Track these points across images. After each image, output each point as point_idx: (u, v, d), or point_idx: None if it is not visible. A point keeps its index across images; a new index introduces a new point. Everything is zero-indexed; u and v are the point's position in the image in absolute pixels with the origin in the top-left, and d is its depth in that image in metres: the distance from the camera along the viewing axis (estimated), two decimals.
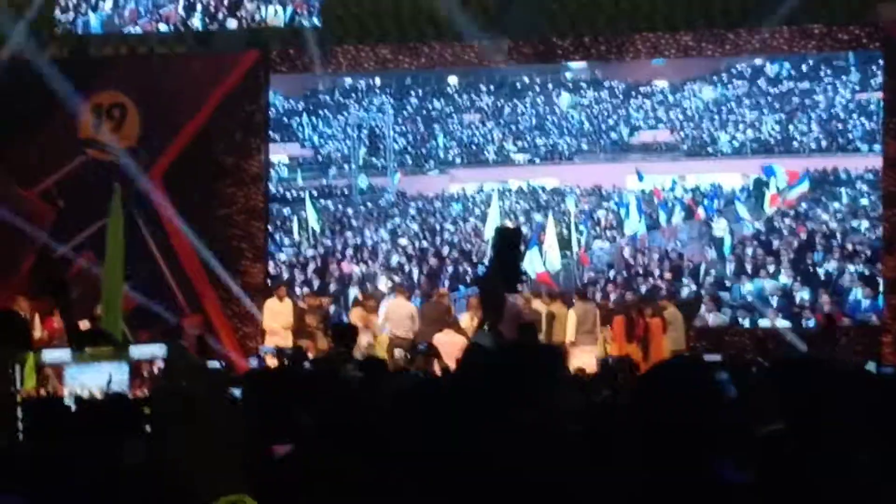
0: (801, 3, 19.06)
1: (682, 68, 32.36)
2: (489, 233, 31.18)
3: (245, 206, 21.11)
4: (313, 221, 32.85)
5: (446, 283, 29.01)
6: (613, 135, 34.84)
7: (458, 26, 20.32)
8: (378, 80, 32.79)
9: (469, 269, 30.02)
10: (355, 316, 20.85)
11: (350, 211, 34.30)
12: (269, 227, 29.70)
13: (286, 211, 33.56)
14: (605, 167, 33.91)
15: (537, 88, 34.84)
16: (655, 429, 3.75)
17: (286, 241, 32.86)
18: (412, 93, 34.47)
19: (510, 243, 5.38)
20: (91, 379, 9.22)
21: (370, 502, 4.12)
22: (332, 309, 23.57)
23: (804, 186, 29.68)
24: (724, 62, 31.74)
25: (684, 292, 26.84)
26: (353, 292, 27.99)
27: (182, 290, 21.01)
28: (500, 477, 3.67)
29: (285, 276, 29.92)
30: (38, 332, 18.65)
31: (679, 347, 19.84)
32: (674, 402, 3.76)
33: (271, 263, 31.13)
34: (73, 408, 7.94)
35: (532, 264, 27.48)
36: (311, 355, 19.40)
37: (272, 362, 18.00)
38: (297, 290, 28.86)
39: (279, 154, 34.01)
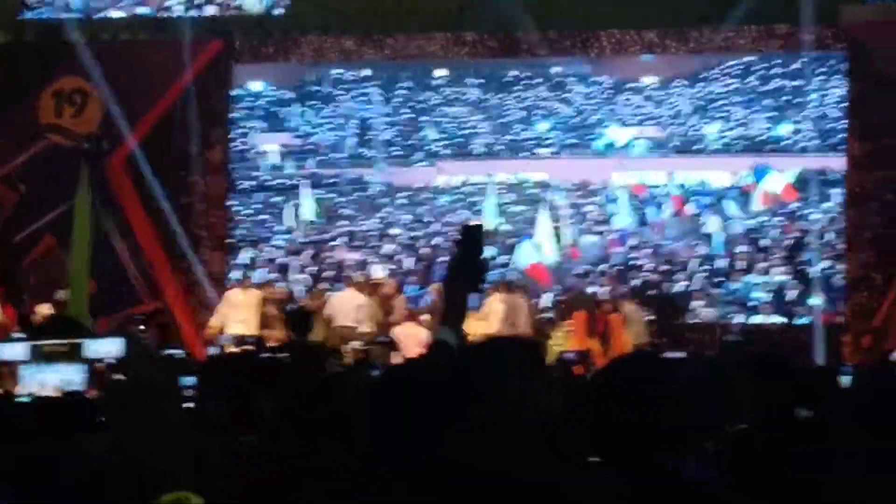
0: (766, 2, 18.71)
1: (671, 65, 31.92)
2: (489, 224, 30.92)
3: (206, 196, 20.76)
4: (310, 209, 32.52)
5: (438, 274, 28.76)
6: (600, 130, 34.47)
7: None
8: (368, 72, 32.54)
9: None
10: None
11: (342, 200, 34.04)
12: (268, 213, 29.55)
13: (278, 199, 33.40)
14: (592, 162, 33.56)
15: (524, 83, 34.43)
16: (613, 424, 3.66)
17: (280, 227, 32.63)
18: (400, 84, 34.09)
19: (473, 241, 5.13)
20: (48, 378, 8.82)
21: (334, 493, 3.93)
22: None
23: (772, 181, 29.07)
24: (715, 59, 31.24)
25: (677, 287, 26.64)
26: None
27: (143, 278, 20.65)
28: (461, 475, 3.58)
29: (281, 261, 29.83)
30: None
31: (640, 342, 19.61)
32: (632, 397, 3.66)
33: (270, 249, 31.15)
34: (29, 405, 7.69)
35: (525, 256, 27.33)
36: (270, 344, 19.09)
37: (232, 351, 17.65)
38: (295, 276, 28.71)
39: (270, 143, 34.00)
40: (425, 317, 20.01)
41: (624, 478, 3.54)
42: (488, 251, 30.62)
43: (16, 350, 8.98)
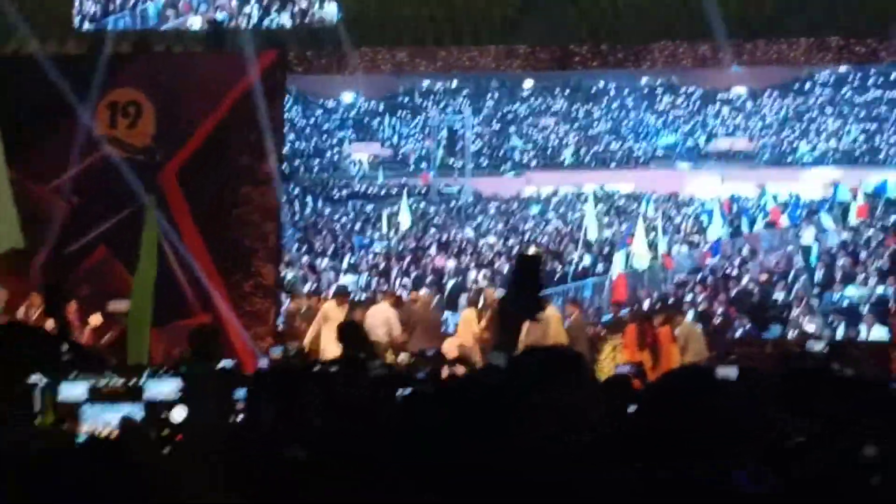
0: (820, 15, 17.78)
1: (761, 76, 30.54)
2: (592, 234, 30.32)
3: (259, 206, 20.14)
4: (406, 217, 32.24)
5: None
6: (690, 141, 33.21)
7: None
8: (455, 83, 31.81)
9: (559, 267, 29.53)
10: (467, 316, 19.98)
11: (431, 209, 33.38)
12: (358, 223, 29.16)
13: (369, 207, 32.89)
14: (681, 173, 32.40)
15: (612, 93, 33.29)
16: (662, 438, 3.63)
17: (376, 235, 32.28)
18: (488, 95, 33.28)
19: (530, 270, 4.83)
20: (109, 417, 8.28)
21: None
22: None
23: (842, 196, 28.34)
24: (806, 70, 29.78)
25: (776, 297, 26.20)
26: (451, 284, 27.67)
27: (193, 289, 20.07)
28: (503, 488, 3.52)
29: (381, 266, 29.68)
30: (50, 326, 17.85)
31: (699, 359, 19.10)
32: (679, 412, 3.64)
33: (370, 256, 30.76)
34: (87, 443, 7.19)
35: (615, 266, 27.22)
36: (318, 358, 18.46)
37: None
38: (396, 281, 28.57)
39: (360, 153, 33.57)
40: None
41: (667, 491, 3.46)
42: (586, 259, 30.10)
43: (76, 391, 8.39)
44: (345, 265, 30.35)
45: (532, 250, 27.29)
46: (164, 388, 8.62)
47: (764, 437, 4.72)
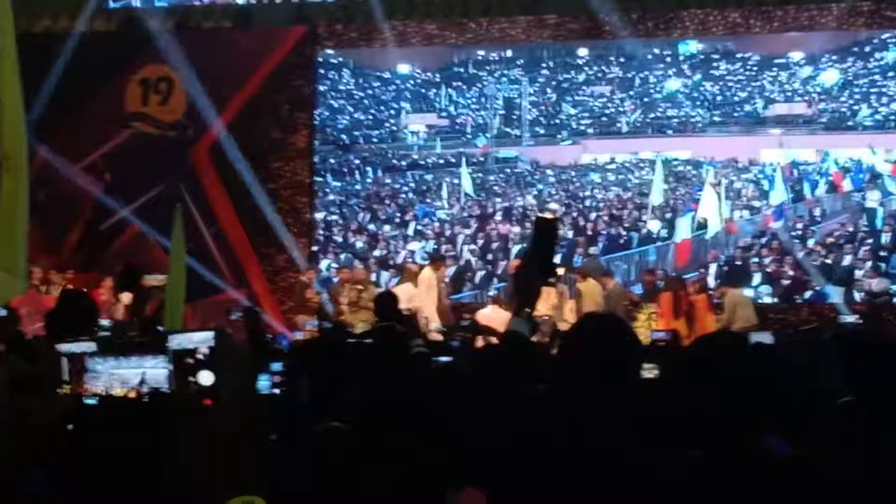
0: None
1: (820, 40, 29.67)
2: (655, 199, 29.89)
3: (291, 181, 19.91)
4: (468, 185, 32.03)
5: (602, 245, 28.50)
6: (747, 107, 32.52)
7: None
8: (510, 53, 31.42)
9: (623, 233, 29.23)
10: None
11: (491, 178, 33.05)
12: (414, 194, 28.93)
13: (429, 177, 32.72)
14: (740, 140, 31.76)
15: (668, 60, 32.64)
16: (696, 404, 3.61)
17: (437, 203, 32.09)
18: (542, 64, 32.79)
19: (547, 233, 4.61)
20: (125, 374, 7.26)
21: (416, 479, 4.00)
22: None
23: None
24: (865, 34, 28.88)
25: (846, 260, 25.81)
26: (515, 250, 27.58)
27: (228, 264, 19.87)
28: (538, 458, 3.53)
29: (448, 233, 29.54)
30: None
31: (747, 326, 18.75)
32: (712, 377, 3.62)
33: (434, 223, 30.53)
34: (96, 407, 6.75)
35: (679, 231, 26.91)
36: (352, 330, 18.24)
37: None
38: (464, 248, 28.46)
39: (418, 123, 33.44)
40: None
41: (708, 455, 3.48)
42: (651, 225, 29.58)
43: (83, 346, 7.20)
44: (410, 231, 30.16)
45: (549, 214, 26.91)
46: (193, 336, 7.60)
47: (798, 405, 4.67)
